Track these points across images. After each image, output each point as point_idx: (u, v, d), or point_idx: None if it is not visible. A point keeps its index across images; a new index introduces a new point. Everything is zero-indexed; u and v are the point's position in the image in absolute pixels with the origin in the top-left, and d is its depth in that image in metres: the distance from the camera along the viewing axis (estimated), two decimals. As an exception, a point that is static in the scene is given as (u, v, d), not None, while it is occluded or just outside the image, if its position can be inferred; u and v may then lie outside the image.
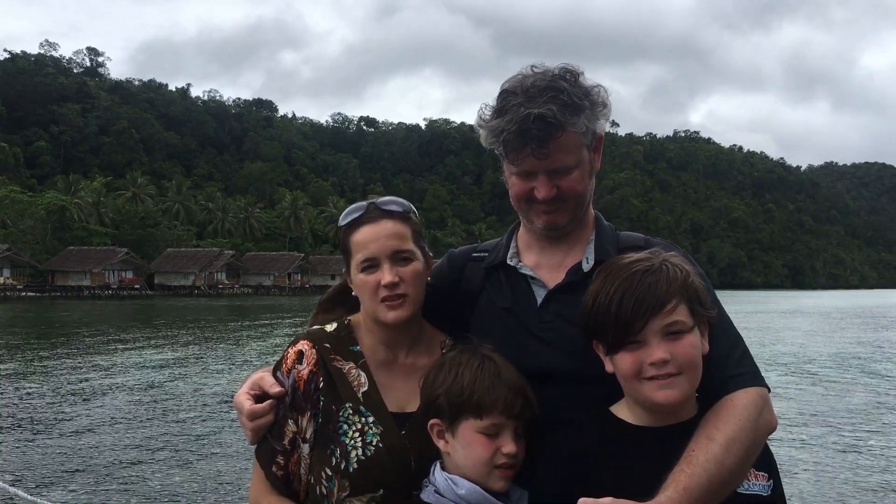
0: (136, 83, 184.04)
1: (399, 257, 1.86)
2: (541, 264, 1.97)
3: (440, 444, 1.79)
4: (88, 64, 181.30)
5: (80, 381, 20.31)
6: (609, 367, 1.71)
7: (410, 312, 1.88)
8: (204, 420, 15.45)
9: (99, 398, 17.90)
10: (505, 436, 1.74)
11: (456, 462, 1.77)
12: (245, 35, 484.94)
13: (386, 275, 1.84)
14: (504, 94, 1.84)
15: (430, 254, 2.00)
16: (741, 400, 1.67)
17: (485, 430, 1.73)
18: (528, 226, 1.97)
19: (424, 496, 1.76)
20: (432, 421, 1.80)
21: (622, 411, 1.76)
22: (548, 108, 1.75)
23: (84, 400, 17.64)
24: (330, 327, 1.97)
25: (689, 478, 1.56)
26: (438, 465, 1.79)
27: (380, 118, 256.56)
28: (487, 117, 1.87)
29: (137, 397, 18.10)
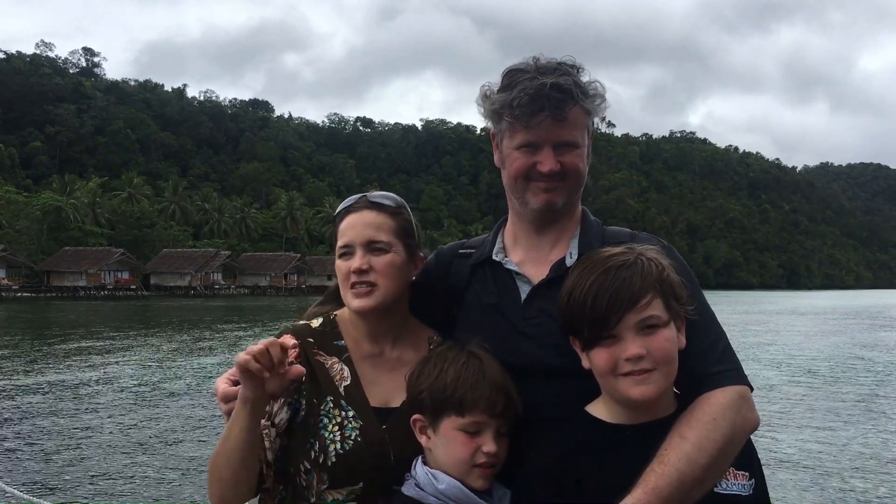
0: (132, 83, 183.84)
1: (373, 247, 1.88)
2: (526, 260, 1.96)
3: (422, 439, 1.79)
4: (84, 64, 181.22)
5: (77, 382, 20.28)
6: (586, 364, 1.69)
7: (377, 302, 1.88)
8: (200, 420, 15.45)
9: (95, 398, 17.89)
10: (486, 434, 1.73)
11: (437, 458, 1.76)
12: (248, 37, 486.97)
13: (355, 260, 1.87)
14: (512, 72, 1.86)
15: (422, 254, 2.01)
16: (718, 398, 1.66)
17: (466, 427, 1.73)
18: (520, 211, 1.96)
19: (405, 489, 1.76)
20: (415, 416, 1.80)
21: (598, 410, 1.74)
22: (563, 79, 1.81)
23: (80, 400, 17.62)
24: (315, 323, 1.99)
25: (660, 477, 1.55)
26: (420, 459, 1.79)
27: (377, 119, 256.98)
28: (494, 92, 1.88)
29: (134, 397, 18.09)
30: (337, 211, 1.98)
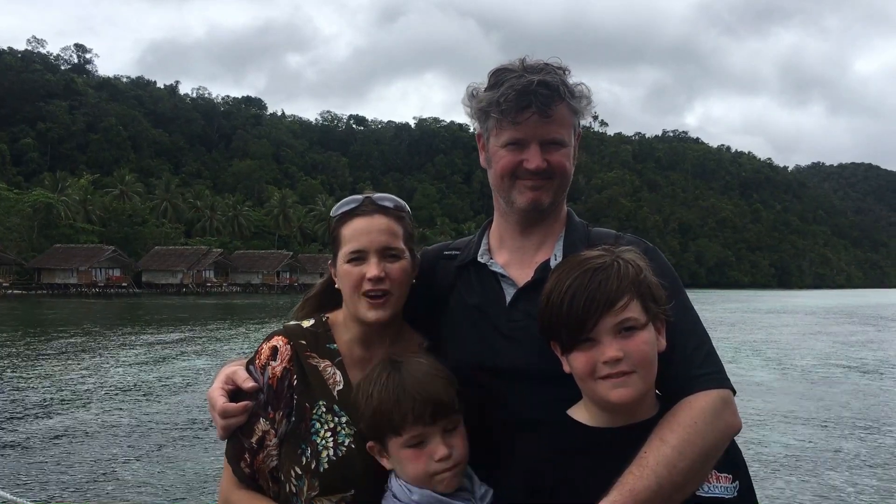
0: (125, 80, 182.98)
1: (388, 253, 1.84)
2: (511, 261, 1.94)
3: (384, 462, 1.77)
4: (76, 61, 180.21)
5: (67, 381, 20.20)
6: (566, 368, 1.68)
7: (392, 312, 1.85)
8: (192, 419, 15.42)
9: (86, 397, 17.82)
10: (433, 442, 1.70)
11: (401, 475, 1.75)
12: (253, 37, 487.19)
13: (372, 268, 1.81)
14: (499, 71, 1.86)
15: (418, 257, 1.98)
16: (700, 402, 1.65)
17: (408, 443, 1.70)
18: (506, 211, 1.95)
19: (383, 502, 1.76)
20: (369, 444, 1.77)
21: (580, 413, 1.73)
22: (550, 77, 1.80)
23: (71, 399, 17.56)
24: (307, 323, 1.94)
25: (638, 480, 1.53)
26: (394, 472, 1.78)
27: (370, 117, 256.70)
28: (480, 90, 1.88)
29: (125, 396, 18.02)
30: (336, 211, 1.91)
